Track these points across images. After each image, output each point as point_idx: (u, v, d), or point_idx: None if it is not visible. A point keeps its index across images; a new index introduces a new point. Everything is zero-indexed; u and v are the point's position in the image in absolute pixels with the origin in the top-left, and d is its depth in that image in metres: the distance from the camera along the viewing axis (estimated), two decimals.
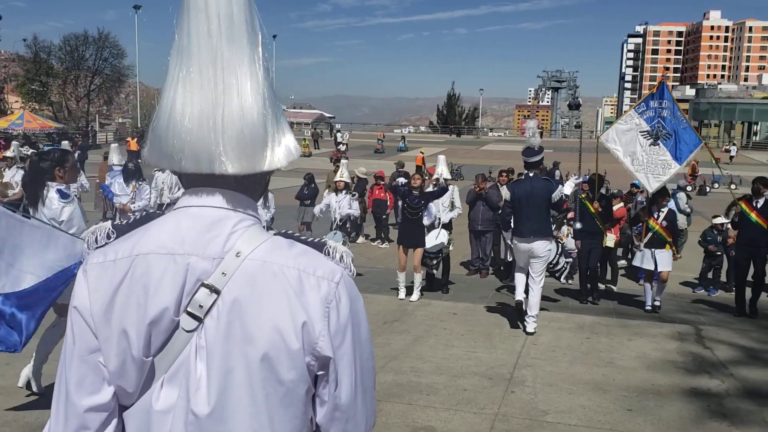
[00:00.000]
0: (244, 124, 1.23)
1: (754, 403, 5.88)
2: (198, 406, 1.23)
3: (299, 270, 1.26)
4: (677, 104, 9.54)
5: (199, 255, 1.26)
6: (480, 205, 11.81)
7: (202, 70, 1.23)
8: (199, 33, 1.23)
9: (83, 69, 60.26)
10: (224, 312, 1.24)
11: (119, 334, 1.25)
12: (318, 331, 1.24)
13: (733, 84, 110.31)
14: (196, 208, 1.29)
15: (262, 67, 1.27)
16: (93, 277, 1.28)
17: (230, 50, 1.23)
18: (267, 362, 1.23)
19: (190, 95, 1.23)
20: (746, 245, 9.22)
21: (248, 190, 1.33)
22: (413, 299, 9.37)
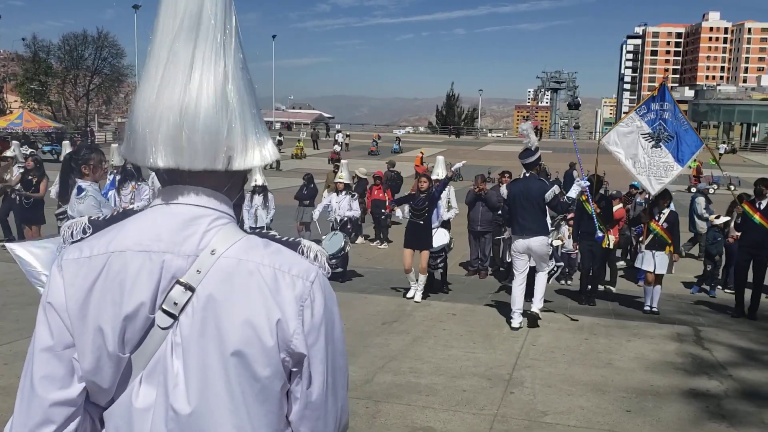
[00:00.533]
0: (184, 119, 1.24)
1: (753, 405, 5.89)
2: (177, 403, 1.24)
3: (274, 268, 1.27)
4: (678, 106, 9.55)
5: (174, 252, 1.27)
6: (479, 205, 11.83)
7: (158, 63, 1.25)
8: (166, 26, 1.25)
9: (82, 68, 60.23)
10: (199, 309, 1.25)
11: (95, 331, 1.25)
12: (292, 328, 1.26)
13: (732, 85, 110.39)
14: (172, 206, 1.30)
15: (231, 66, 1.28)
16: (69, 273, 1.28)
17: (187, 44, 1.25)
18: (242, 358, 1.24)
19: (143, 85, 1.26)
20: (748, 247, 9.22)
21: (224, 188, 1.33)
22: (417, 300, 9.37)
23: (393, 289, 9.89)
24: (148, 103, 1.25)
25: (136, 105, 1.27)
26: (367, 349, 6.99)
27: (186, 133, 1.24)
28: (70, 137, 37.32)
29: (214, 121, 1.25)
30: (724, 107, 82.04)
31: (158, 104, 1.24)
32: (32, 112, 45.59)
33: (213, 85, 1.25)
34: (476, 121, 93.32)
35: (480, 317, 8.71)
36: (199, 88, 1.24)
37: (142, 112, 1.25)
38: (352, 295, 9.24)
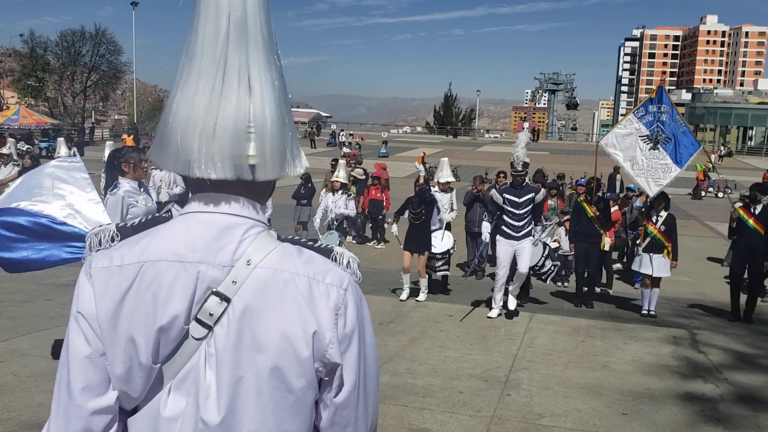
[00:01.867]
0: (264, 131, 1.23)
1: (748, 408, 5.91)
2: (208, 414, 1.23)
3: (309, 277, 1.27)
4: (676, 108, 9.56)
5: (210, 263, 1.25)
6: (477, 206, 11.83)
7: (216, 74, 1.22)
8: (210, 36, 1.22)
9: (79, 65, 59.99)
10: (234, 320, 1.23)
11: (126, 341, 1.24)
12: (328, 339, 1.25)
13: (729, 89, 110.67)
14: (206, 215, 1.28)
15: (277, 74, 1.27)
16: (99, 282, 1.26)
17: (239, 52, 1.22)
18: (277, 371, 1.23)
19: (207, 99, 1.22)
20: (743, 251, 9.26)
21: (257, 195, 1.32)
22: (420, 299, 9.37)
23: (393, 291, 9.89)
24: (198, 112, 1.22)
25: (179, 112, 1.24)
26: None
27: (257, 145, 1.22)
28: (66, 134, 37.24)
29: (281, 132, 1.25)
30: (720, 110, 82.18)
31: (213, 114, 1.21)
32: (29, 109, 45.46)
33: (272, 96, 1.24)
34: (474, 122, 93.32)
35: (476, 318, 8.71)
36: (262, 98, 1.23)
37: (190, 121, 1.22)
38: None
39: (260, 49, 1.24)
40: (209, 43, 1.23)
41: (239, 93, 1.22)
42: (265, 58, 1.24)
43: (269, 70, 1.25)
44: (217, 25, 1.22)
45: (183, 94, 1.24)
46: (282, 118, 1.25)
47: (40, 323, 7.29)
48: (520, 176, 8.66)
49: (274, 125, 1.24)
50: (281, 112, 1.25)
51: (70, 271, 9.90)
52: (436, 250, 9.85)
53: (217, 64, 1.22)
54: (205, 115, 1.22)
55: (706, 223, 21.27)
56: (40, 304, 8.17)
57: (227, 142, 1.22)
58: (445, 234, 10.03)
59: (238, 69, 1.22)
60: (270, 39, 1.26)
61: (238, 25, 1.22)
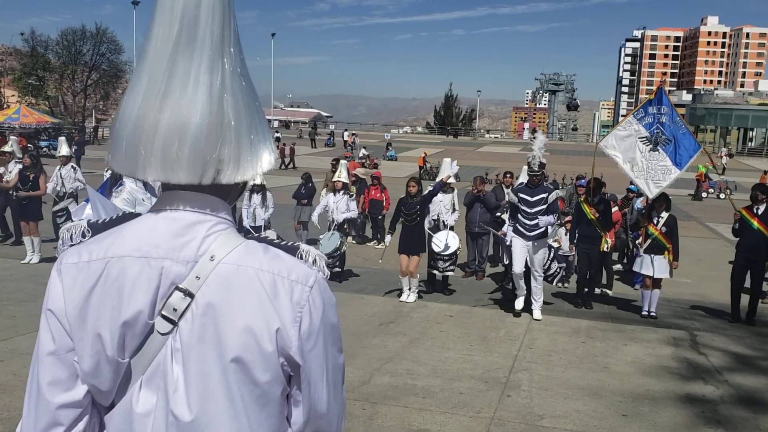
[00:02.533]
0: (178, 134, 1.22)
1: (749, 410, 5.90)
2: (178, 408, 1.25)
3: (273, 274, 1.27)
4: (676, 110, 9.56)
5: (174, 259, 1.27)
6: (477, 206, 11.83)
7: (157, 75, 1.23)
8: (159, 38, 1.23)
9: (80, 64, 59.96)
10: (198, 315, 1.25)
11: (93, 336, 1.26)
12: (291, 334, 1.26)
13: (730, 90, 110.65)
14: (171, 212, 1.30)
15: (227, 75, 1.26)
16: (68, 278, 1.29)
17: (186, 57, 1.23)
18: (241, 364, 1.24)
19: (142, 100, 1.23)
20: (746, 252, 9.24)
21: (223, 194, 1.33)
22: (409, 300, 9.37)
23: (392, 291, 9.88)
24: (145, 119, 1.23)
25: (125, 116, 1.25)
26: (364, 350, 6.99)
27: (176, 149, 1.22)
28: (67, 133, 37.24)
29: (204, 136, 1.23)
30: (721, 112, 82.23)
31: (152, 118, 1.22)
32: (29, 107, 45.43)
33: (207, 98, 1.23)
34: (474, 122, 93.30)
35: (477, 319, 8.71)
36: (193, 101, 1.22)
37: (133, 125, 1.23)
38: (348, 296, 9.23)
39: (205, 50, 1.23)
40: (159, 47, 1.23)
41: (174, 97, 1.22)
42: (209, 58, 1.24)
43: (213, 71, 1.24)
44: (169, 28, 1.22)
45: (130, 96, 1.26)
46: (216, 122, 1.24)
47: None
48: (536, 176, 8.82)
49: (198, 129, 1.22)
50: (218, 116, 1.24)
51: None
52: (443, 251, 9.85)
53: (164, 67, 1.23)
54: (146, 118, 1.23)
55: (707, 224, 21.27)
56: (40, 304, 7.98)
57: (159, 146, 1.22)
58: (449, 235, 10.02)
59: (181, 73, 1.23)
60: (223, 36, 1.25)
61: (189, 29, 1.22)
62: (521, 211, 8.83)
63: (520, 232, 8.86)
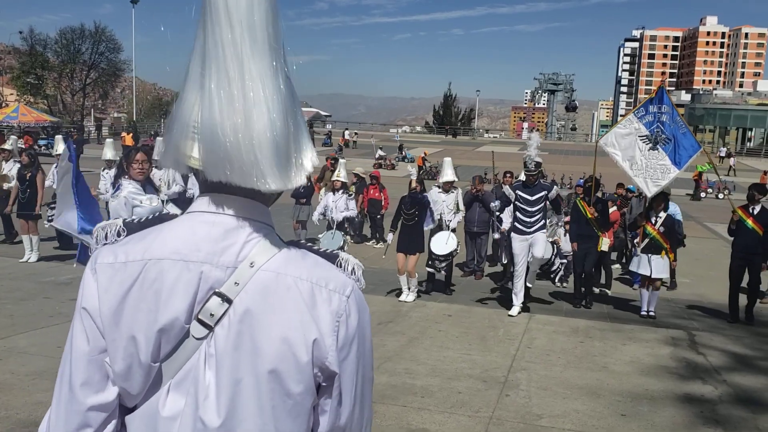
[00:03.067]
0: (275, 139, 1.20)
1: (747, 410, 5.90)
2: (207, 415, 1.23)
3: (312, 283, 1.26)
4: (676, 109, 9.56)
5: (213, 263, 1.25)
6: (476, 206, 11.81)
7: (231, 79, 1.18)
8: (224, 41, 1.19)
9: (79, 63, 59.95)
10: (235, 322, 1.23)
11: (127, 338, 1.24)
12: (328, 345, 1.25)
13: (729, 90, 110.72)
14: (212, 215, 1.28)
15: (285, 78, 1.24)
16: (103, 278, 1.27)
17: (254, 61, 1.19)
18: (275, 375, 1.23)
19: (221, 104, 1.18)
20: (741, 252, 9.26)
21: (264, 198, 1.31)
22: (408, 300, 9.37)
23: (392, 291, 9.88)
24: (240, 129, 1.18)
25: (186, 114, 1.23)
26: None
27: (282, 156, 1.21)
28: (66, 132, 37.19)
29: (285, 141, 1.21)
30: (720, 112, 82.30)
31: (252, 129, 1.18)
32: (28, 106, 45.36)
33: (280, 102, 1.21)
34: (473, 122, 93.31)
35: (475, 319, 8.71)
36: (273, 107, 1.19)
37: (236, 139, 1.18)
38: None
39: (266, 56, 1.21)
40: (222, 49, 1.19)
41: (247, 102, 1.18)
42: (273, 60, 1.21)
43: (276, 74, 1.21)
44: (230, 30, 1.18)
45: (193, 97, 1.23)
46: (284, 127, 1.21)
47: (39, 321, 7.28)
48: (532, 175, 8.87)
49: (277, 136, 1.20)
50: (283, 122, 1.21)
51: (68, 269, 9.90)
52: (440, 252, 9.85)
53: (235, 71, 1.19)
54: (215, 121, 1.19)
55: (705, 224, 21.28)
56: (38, 302, 8.16)
57: (242, 151, 1.19)
58: (450, 236, 10.01)
59: (256, 76, 1.19)
60: (276, 45, 1.23)
61: (249, 31, 1.19)
62: (520, 209, 8.85)
63: (518, 229, 8.91)
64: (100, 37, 60.13)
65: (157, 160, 1.34)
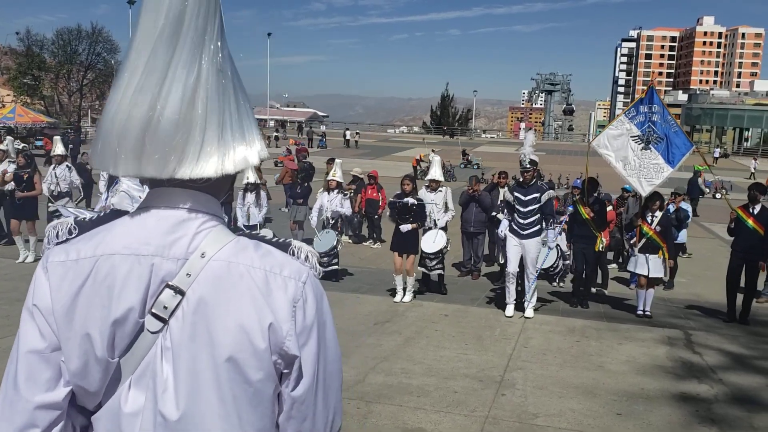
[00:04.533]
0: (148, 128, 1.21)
1: (743, 409, 5.91)
2: (166, 408, 1.23)
3: (265, 270, 1.26)
4: (667, 108, 9.58)
5: (164, 256, 1.25)
6: (473, 206, 11.83)
7: (136, 69, 1.22)
8: (143, 33, 1.22)
9: (76, 63, 59.80)
10: (189, 313, 1.23)
11: (82, 335, 1.23)
12: (285, 330, 1.25)
13: (726, 90, 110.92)
14: (161, 209, 1.28)
15: (206, 71, 1.25)
16: (55, 276, 1.26)
17: (166, 52, 1.22)
18: (233, 363, 1.23)
19: (117, 92, 1.23)
20: (741, 252, 9.27)
21: (212, 190, 1.32)
22: (405, 300, 9.37)
23: (389, 291, 9.88)
24: (119, 113, 1.22)
25: (105, 111, 1.25)
26: (359, 350, 6.98)
27: (146, 142, 1.22)
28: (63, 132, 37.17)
29: (172, 130, 1.22)
30: (717, 112, 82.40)
31: (126, 112, 1.21)
32: (25, 107, 45.30)
33: (181, 93, 1.22)
34: (470, 122, 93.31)
35: (472, 318, 8.72)
36: (166, 96, 1.21)
37: (111, 122, 1.23)
38: (344, 295, 9.23)
39: (186, 46, 1.22)
40: (142, 42, 1.23)
41: (151, 93, 1.21)
42: (189, 53, 1.23)
43: (191, 66, 1.23)
44: (154, 23, 1.21)
45: (112, 92, 1.26)
46: (185, 117, 1.22)
47: None
48: (527, 172, 8.85)
49: (167, 124, 1.21)
50: (189, 111, 1.22)
51: None
52: (428, 250, 9.83)
53: (144, 62, 1.22)
54: (120, 113, 1.22)
55: (703, 224, 21.29)
56: None
57: (131, 142, 1.21)
58: (438, 234, 10.00)
59: (160, 69, 1.22)
60: (206, 31, 1.24)
61: (173, 25, 1.21)
62: (515, 210, 8.85)
63: (513, 229, 8.90)
64: (97, 37, 60.00)
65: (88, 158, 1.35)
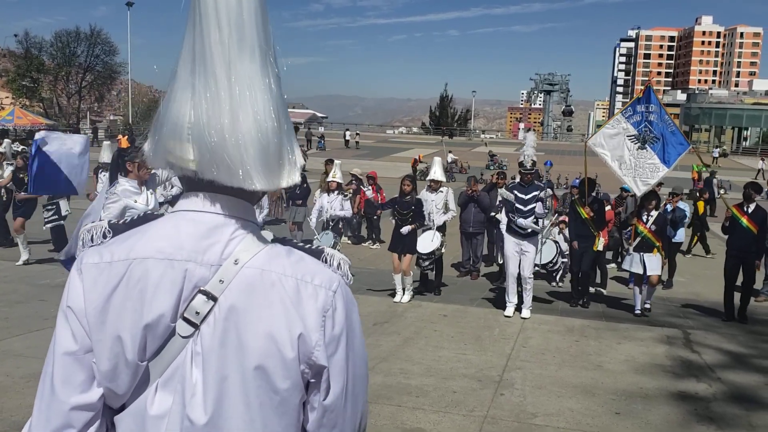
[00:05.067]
0: (262, 139, 1.21)
1: (741, 407, 5.93)
2: (194, 413, 1.23)
3: (297, 279, 1.26)
4: (664, 108, 9.59)
5: (197, 261, 1.25)
6: (471, 207, 11.84)
7: (218, 80, 1.19)
8: (212, 40, 1.20)
9: (74, 65, 59.82)
10: (220, 319, 1.24)
11: (113, 338, 1.24)
12: (314, 341, 1.25)
13: (724, 89, 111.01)
14: (196, 213, 1.28)
15: (275, 79, 1.25)
16: (89, 278, 1.27)
17: (241, 61, 1.20)
18: (262, 371, 1.23)
19: (208, 105, 1.20)
20: (735, 250, 9.29)
21: (248, 196, 1.31)
22: (403, 300, 9.38)
23: (390, 292, 9.89)
24: (228, 129, 1.19)
25: (174, 113, 1.23)
26: None
27: (270, 156, 1.22)
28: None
29: (275, 142, 1.23)
30: (715, 111, 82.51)
31: (239, 129, 1.19)
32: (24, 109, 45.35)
33: (270, 102, 1.22)
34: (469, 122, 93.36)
35: (471, 318, 8.73)
36: (263, 107, 1.21)
37: (223, 139, 1.19)
38: None
39: (255, 56, 1.21)
40: (215, 50, 1.20)
41: (233, 101, 1.20)
42: (262, 62, 1.22)
43: (264, 74, 1.22)
44: (219, 31, 1.19)
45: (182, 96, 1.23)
46: (273, 127, 1.22)
47: (34, 324, 7.27)
48: (529, 174, 8.90)
49: (262, 135, 1.21)
50: (272, 122, 1.22)
51: (64, 272, 9.88)
52: (421, 250, 9.83)
53: (224, 71, 1.20)
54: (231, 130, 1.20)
55: None
56: (33, 305, 8.15)
57: (227, 150, 1.20)
58: (434, 234, 10.00)
59: (244, 76, 1.20)
60: (266, 44, 1.23)
61: (237, 31, 1.20)
62: (515, 209, 8.86)
63: (512, 229, 8.91)
64: (96, 39, 60.02)
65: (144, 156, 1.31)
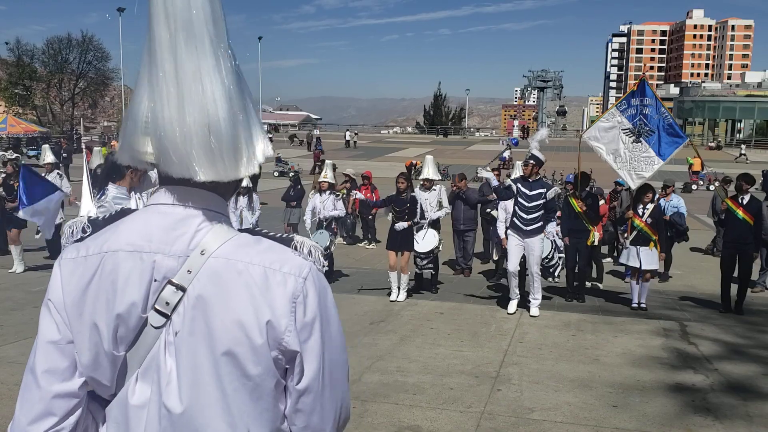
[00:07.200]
0: (211, 132, 1.24)
1: (738, 398, 5.93)
2: (170, 400, 1.27)
3: (264, 267, 1.29)
4: (660, 101, 9.59)
5: (165, 253, 1.29)
6: (460, 204, 11.78)
7: (167, 75, 1.23)
8: (162, 38, 1.24)
9: (67, 72, 59.66)
10: (189, 308, 1.27)
11: (90, 328, 1.29)
12: (284, 326, 1.27)
13: (717, 82, 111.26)
14: (166, 206, 1.32)
15: (229, 72, 1.27)
16: (66, 272, 1.34)
17: (189, 56, 1.23)
18: (232, 358, 1.26)
19: (159, 100, 1.24)
20: (732, 242, 9.30)
21: (221, 189, 1.35)
22: (400, 299, 9.37)
23: (385, 290, 9.88)
24: (174, 121, 1.23)
25: (133, 111, 1.29)
26: (354, 350, 6.97)
27: (216, 147, 1.24)
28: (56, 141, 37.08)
29: (226, 134, 1.25)
30: (709, 104, 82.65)
31: (184, 121, 1.23)
32: (17, 117, 45.21)
33: (222, 94, 1.24)
34: (464, 121, 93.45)
35: (467, 315, 8.72)
36: (213, 99, 1.23)
37: (170, 131, 1.23)
38: (340, 296, 9.21)
39: (206, 47, 1.24)
40: (164, 51, 1.24)
41: (182, 96, 1.23)
42: (212, 55, 1.25)
43: (217, 67, 1.25)
44: (167, 30, 1.23)
45: (140, 94, 1.29)
46: (225, 120, 1.25)
47: (29, 331, 7.24)
48: (525, 167, 8.86)
49: (227, 125, 1.24)
50: (225, 114, 1.25)
51: None
52: (419, 249, 9.82)
53: (174, 70, 1.23)
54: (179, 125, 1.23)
55: (697, 216, 21.33)
56: (28, 312, 8.12)
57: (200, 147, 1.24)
58: (429, 232, 9.97)
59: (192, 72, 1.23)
60: (217, 39, 1.26)
61: (185, 28, 1.23)
62: (519, 204, 8.74)
63: (516, 225, 8.78)
64: (88, 46, 59.87)
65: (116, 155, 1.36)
